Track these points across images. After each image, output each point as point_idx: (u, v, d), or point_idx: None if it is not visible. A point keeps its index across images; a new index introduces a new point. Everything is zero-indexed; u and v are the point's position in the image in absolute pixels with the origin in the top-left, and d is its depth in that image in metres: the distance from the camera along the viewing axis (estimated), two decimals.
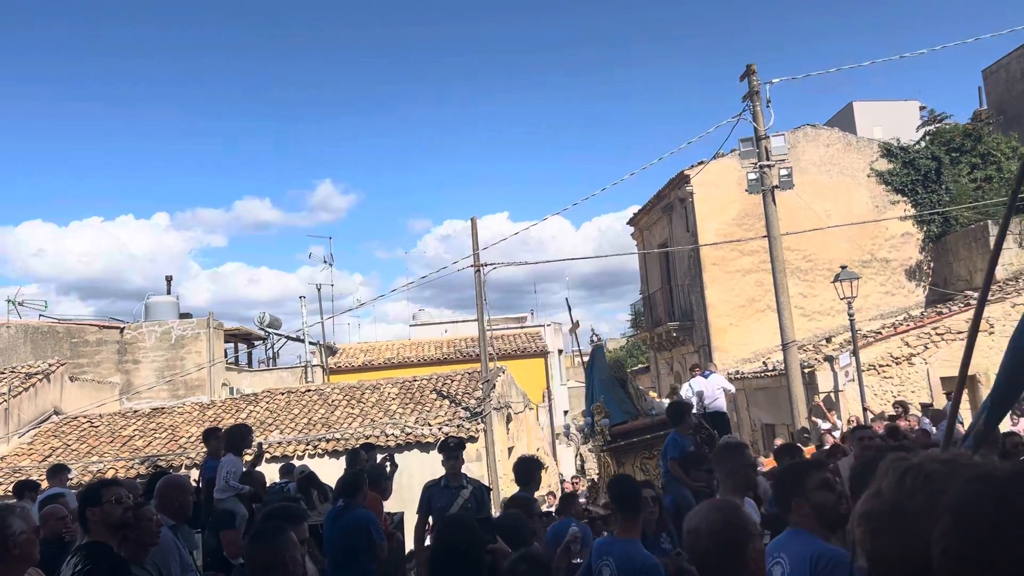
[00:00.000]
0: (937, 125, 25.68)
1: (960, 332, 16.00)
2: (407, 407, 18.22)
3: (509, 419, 18.97)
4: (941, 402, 14.97)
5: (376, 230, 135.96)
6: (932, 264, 21.63)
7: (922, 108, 30.96)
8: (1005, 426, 9.99)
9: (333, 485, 6.91)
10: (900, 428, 10.58)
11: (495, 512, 8.98)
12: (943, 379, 16.06)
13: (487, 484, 11.42)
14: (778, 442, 15.15)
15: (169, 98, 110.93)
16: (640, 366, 31.55)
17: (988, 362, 15.57)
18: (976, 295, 17.44)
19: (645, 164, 44.49)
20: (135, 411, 19.62)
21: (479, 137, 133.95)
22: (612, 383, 11.29)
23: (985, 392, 14.14)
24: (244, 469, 7.46)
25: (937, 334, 16.55)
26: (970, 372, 13.53)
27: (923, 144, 23.42)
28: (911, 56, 16.06)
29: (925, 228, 21.71)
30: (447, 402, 17.96)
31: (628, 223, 27.52)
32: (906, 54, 17.44)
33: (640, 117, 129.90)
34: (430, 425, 16.72)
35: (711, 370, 13.67)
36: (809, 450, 12.83)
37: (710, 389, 12.93)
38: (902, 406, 12.82)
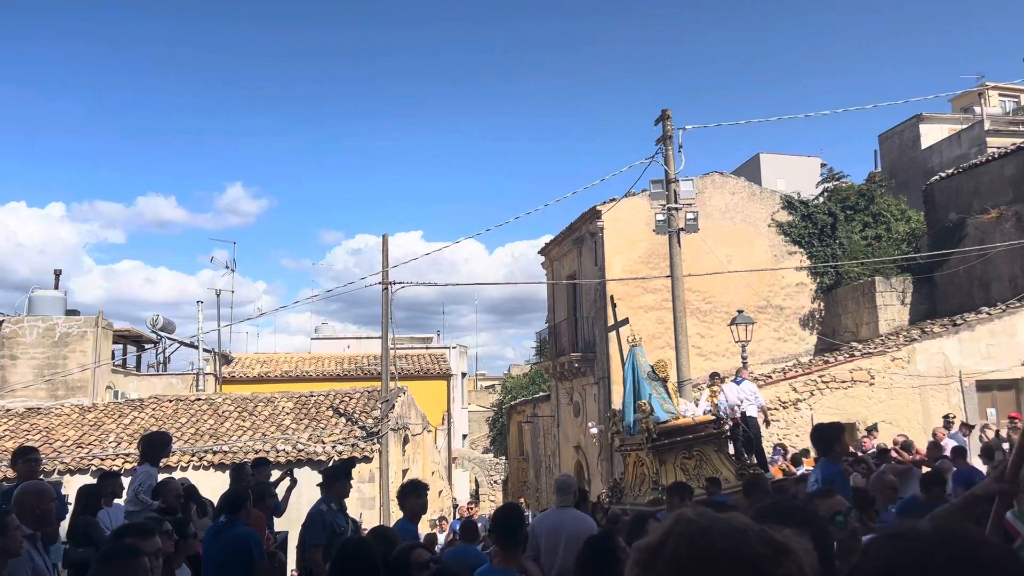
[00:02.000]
0: (835, 183, 27.09)
1: (844, 381, 16.81)
2: (301, 423, 17.79)
3: (406, 441, 18.77)
4: None
5: (285, 238, 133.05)
6: (823, 314, 22.67)
7: (823, 165, 32.64)
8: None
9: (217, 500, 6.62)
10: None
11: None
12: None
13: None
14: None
15: (72, 82, 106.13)
16: (542, 394, 31.79)
17: (867, 411, 16.43)
18: (861, 347, 18.41)
19: (559, 196, 45.33)
20: (8, 410, 18.47)
21: (399, 154, 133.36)
22: (655, 381, 11.37)
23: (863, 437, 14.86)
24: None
25: (823, 382, 17.31)
26: (849, 420, 14.21)
27: (821, 199, 24.62)
28: (814, 116, 16.91)
29: (818, 279, 22.76)
30: (343, 420, 17.64)
31: (540, 252, 27.83)
32: (810, 113, 18.40)
33: (558, 148, 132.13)
34: (324, 443, 16.37)
35: (743, 376, 13.55)
36: None
37: (745, 394, 12.88)
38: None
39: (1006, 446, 12.56)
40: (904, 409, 15.66)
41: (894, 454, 11.19)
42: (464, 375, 38.40)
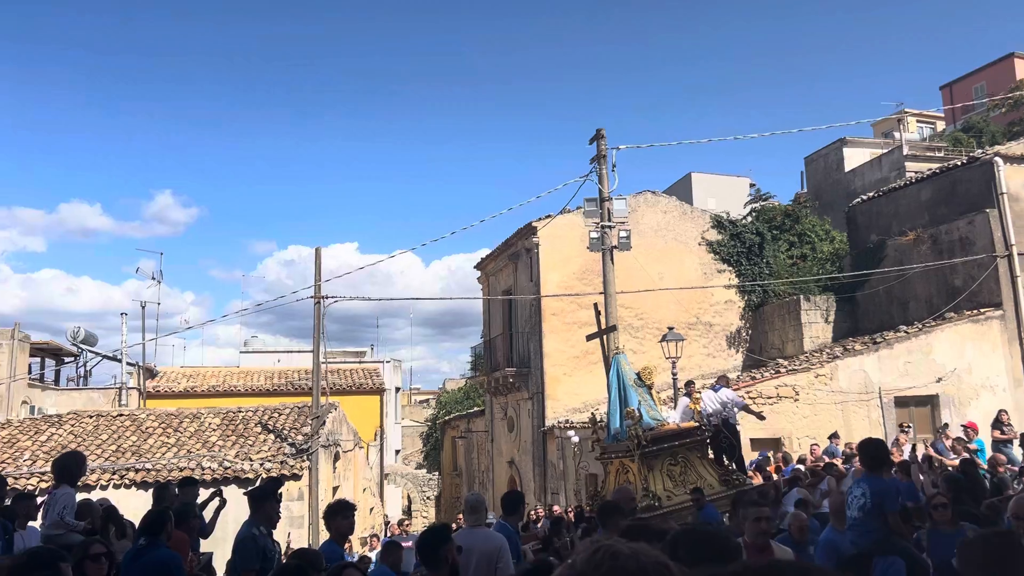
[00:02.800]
0: (762, 203, 27.89)
1: (770, 397, 17.22)
2: (228, 439, 17.35)
3: (337, 457, 18.48)
4: None
5: (215, 248, 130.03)
6: (750, 331, 23.26)
7: (752, 185, 33.60)
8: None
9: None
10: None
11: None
12: (752, 440, 17.18)
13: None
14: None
15: None
16: (476, 409, 31.72)
17: (792, 426, 16.87)
18: (786, 364, 18.93)
19: (495, 212, 45.32)
20: None
21: (334, 165, 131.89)
22: (641, 387, 11.33)
23: (791, 452, 15.26)
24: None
25: (750, 397, 17.68)
26: (775, 435, 14.56)
27: (749, 219, 25.31)
28: (743, 138, 17.39)
29: (746, 297, 23.35)
30: (272, 437, 17.28)
31: (476, 267, 27.86)
32: (739, 136, 18.90)
33: (496, 164, 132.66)
34: (251, 460, 16.00)
35: (721, 384, 13.62)
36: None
37: (725, 400, 12.94)
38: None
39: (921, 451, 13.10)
40: (827, 424, 16.12)
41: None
42: (398, 390, 38.06)
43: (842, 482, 10.45)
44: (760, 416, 13.54)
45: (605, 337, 13.50)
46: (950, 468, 10.80)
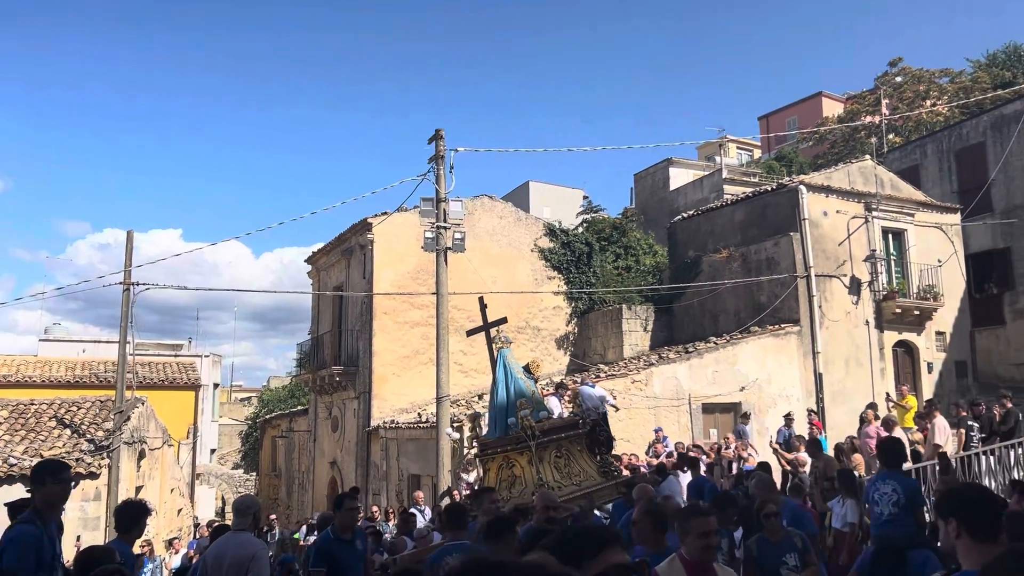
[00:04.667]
0: (593, 215, 28.96)
1: None
2: (16, 434, 15.80)
3: (142, 455, 17.28)
4: None
5: (19, 225, 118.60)
6: (576, 336, 24.03)
7: (585, 198, 34.80)
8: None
9: None
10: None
11: None
12: None
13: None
14: (418, 495, 15.57)
15: None
16: (300, 408, 30.74)
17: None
18: (607, 369, 19.69)
19: (329, 205, 44.13)
20: None
21: (159, 147, 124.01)
22: (530, 382, 10.95)
23: None
24: None
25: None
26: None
27: (581, 229, 26.19)
28: (576, 150, 17.92)
29: (573, 304, 24.12)
30: (68, 432, 15.90)
31: (307, 260, 27.02)
32: (573, 148, 19.49)
33: (332, 156, 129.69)
34: (42, 457, 14.61)
35: (593, 382, 14.00)
36: (456, 495, 13.45)
37: (600, 396, 13.31)
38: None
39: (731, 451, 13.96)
40: (640, 428, 16.90)
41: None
42: (217, 386, 36.22)
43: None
44: (615, 408, 14.23)
45: (489, 331, 13.14)
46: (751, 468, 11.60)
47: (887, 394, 16.88)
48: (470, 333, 13.17)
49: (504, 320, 12.87)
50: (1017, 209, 22.98)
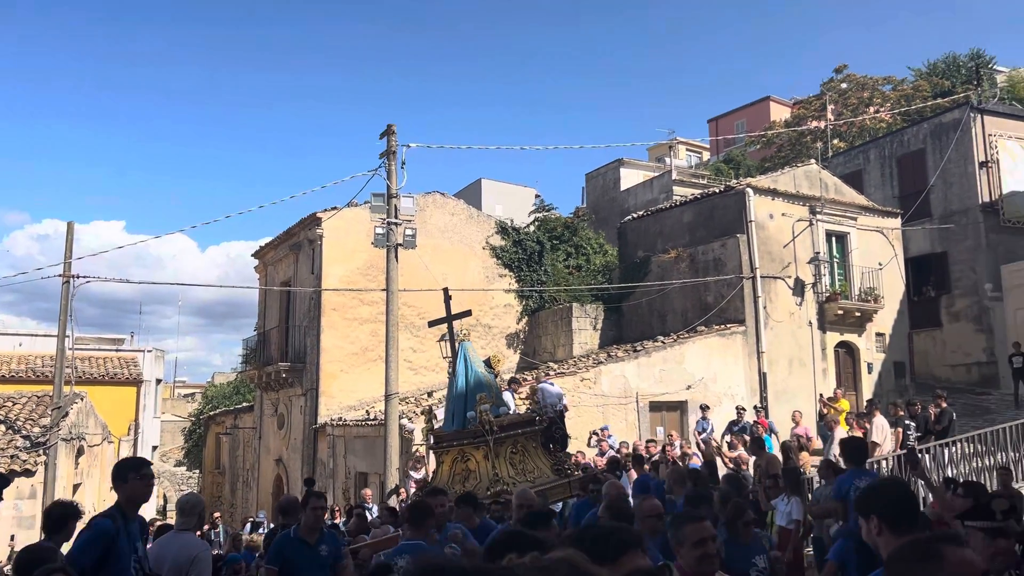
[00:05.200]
0: (545, 213, 29.06)
1: None
2: None
3: (80, 452, 16.81)
4: None
5: None
6: (526, 334, 24.10)
7: (537, 196, 34.90)
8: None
9: None
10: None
11: None
12: None
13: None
14: (367, 493, 15.48)
15: None
16: (245, 404, 30.24)
17: None
18: (556, 367, 19.79)
19: (277, 199, 43.56)
20: None
21: (100, 135, 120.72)
22: (490, 376, 10.81)
23: None
24: None
25: (521, 399, 18.31)
26: None
27: (532, 228, 26.26)
28: (529, 148, 17.96)
29: (524, 302, 24.17)
30: (3, 428, 15.39)
31: (254, 255, 26.58)
32: (525, 146, 19.53)
33: (283, 150, 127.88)
34: None
35: (551, 380, 13.93)
36: (404, 493, 13.41)
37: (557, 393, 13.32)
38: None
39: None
40: (589, 426, 17.00)
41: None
42: (159, 382, 35.36)
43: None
44: (565, 408, 14.30)
45: (452, 323, 12.93)
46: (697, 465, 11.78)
47: (820, 395, 17.25)
48: (432, 324, 13.05)
49: (468, 313, 12.82)
50: (954, 215, 23.75)
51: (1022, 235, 23.26)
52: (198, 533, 6.65)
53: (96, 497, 18.70)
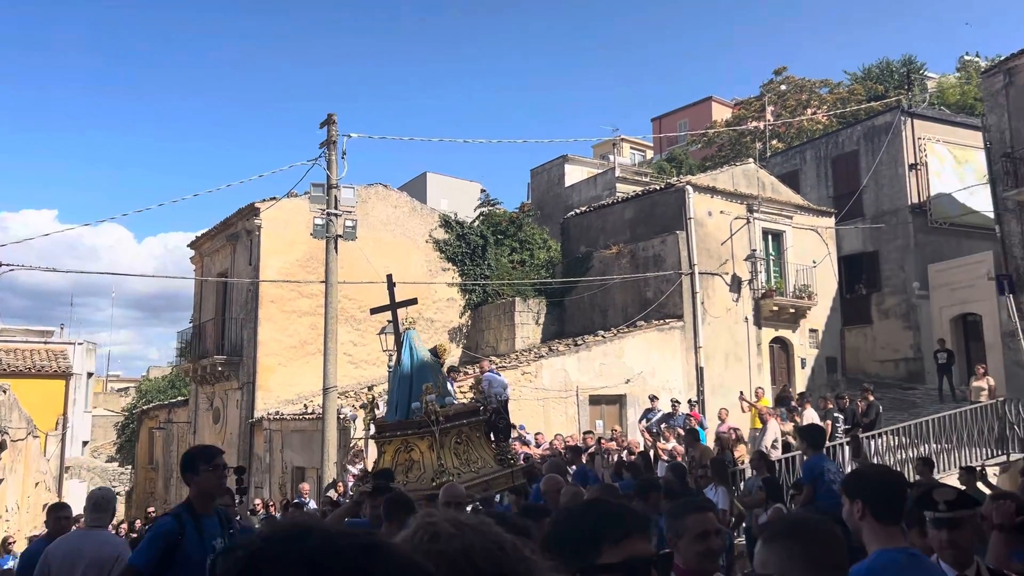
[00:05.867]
0: (490, 208, 29.02)
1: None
2: None
3: (3, 447, 16.19)
4: None
5: None
6: (469, 329, 24.05)
7: (483, 191, 34.84)
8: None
9: None
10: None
11: None
12: None
13: None
14: (304, 487, 15.26)
15: None
16: (180, 398, 29.53)
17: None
18: (498, 360, 19.80)
19: (213, 188, 42.46)
20: None
21: (31, 123, 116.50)
22: (436, 366, 10.45)
23: None
24: None
25: (461, 392, 18.25)
26: None
27: (477, 223, 26.20)
28: (472, 141, 17.93)
29: (467, 296, 24.11)
30: None
31: (190, 245, 25.95)
32: (468, 139, 19.50)
33: (224, 141, 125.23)
34: None
35: (493, 369, 13.92)
36: (341, 487, 13.26)
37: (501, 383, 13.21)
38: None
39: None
40: (529, 419, 17.07)
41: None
42: (91, 375, 34.34)
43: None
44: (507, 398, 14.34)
45: (396, 311, 12.57)
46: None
47: (741, 393, 17.44)
48: (375, 311, 12.56)
49: (414, 301, 12.33)
50: (885, 215, 24.48)
51: (949, 236, 24.10)
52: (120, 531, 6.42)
53: (20, 493, 18.06)
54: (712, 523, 3.03)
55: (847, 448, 12.57)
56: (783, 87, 40.32)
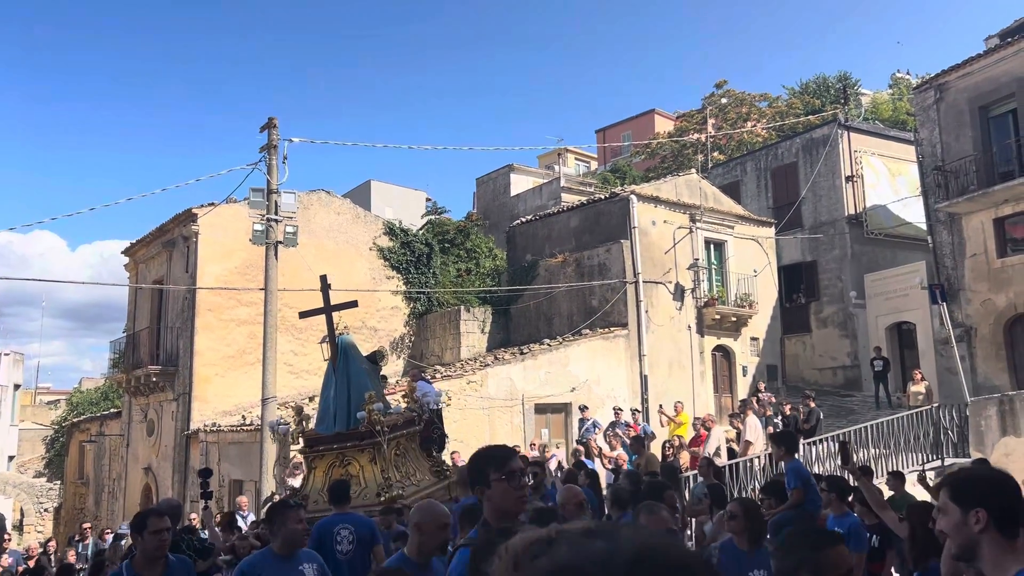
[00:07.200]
0: (436, 216, 28.84)
1: None
2: None
3: None
4: None
5: None
6: (413, 338, 23.76)
7: (428, 200, 34.66)
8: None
9: None
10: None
11: None
12: None
13: None
14: (242, 500, 14.81)
15: None
16: (113, 410, 28.51)
17: (445, 429, 17.40)
18: (443, 369, 19.58)
19: (147, 192, 41.41)
20: None
21: None
22: (375, 374, 10.18)
23: None
24: None
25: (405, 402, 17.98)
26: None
27: (423, 231, 25.96)
28: (417, 148, 17.72)
29: (412, 305, 23.83)
30: None
31: (124, 252, 25.10)
32: (414, 146, 19.30)
33: (161, 146, 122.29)
34: None
35: (426, 378, 13.63)
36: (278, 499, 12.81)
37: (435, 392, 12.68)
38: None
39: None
40: (474, 429, 16.92)
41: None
42: (18, 387, 33.02)
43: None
44: (446, 404, 14.02)
45: (332, 314, 11.72)
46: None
47: (660, 406, 17.50)
48: (304, 315, 11.81)
49: (354, 303, 11.53)
50: (823, 225, 25.04)
51: (884, 246, 24.76)
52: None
53: None
54: (850, 561, 2.76)
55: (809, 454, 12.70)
56: (724, 100, 41.06)
